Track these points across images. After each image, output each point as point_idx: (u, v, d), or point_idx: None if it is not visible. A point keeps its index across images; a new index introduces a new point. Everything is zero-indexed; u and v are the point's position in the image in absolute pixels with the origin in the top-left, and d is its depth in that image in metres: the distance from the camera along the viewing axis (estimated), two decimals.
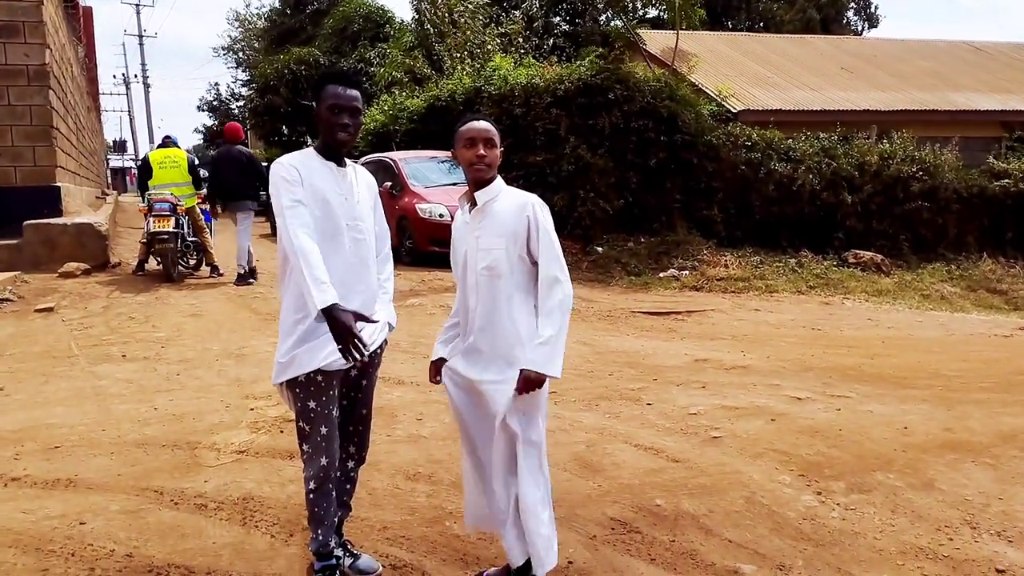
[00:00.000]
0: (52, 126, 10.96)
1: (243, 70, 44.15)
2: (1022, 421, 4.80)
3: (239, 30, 44.98)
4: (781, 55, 20.11)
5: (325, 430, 2.67)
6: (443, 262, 10.85)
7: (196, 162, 10.73)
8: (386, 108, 16.81)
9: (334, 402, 2.70)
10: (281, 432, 4.42)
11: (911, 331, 8.15)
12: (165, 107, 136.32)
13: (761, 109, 15.56)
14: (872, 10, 37.51)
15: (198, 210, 10.28)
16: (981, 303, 11.06)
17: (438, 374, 2.83)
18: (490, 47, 18.75)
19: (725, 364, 6.25)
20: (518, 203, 2.67)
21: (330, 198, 2.67)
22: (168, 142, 10.35)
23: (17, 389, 5.35)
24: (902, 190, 13.17)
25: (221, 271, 10.41)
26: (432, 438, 4.39)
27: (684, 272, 11.18)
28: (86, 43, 23.07)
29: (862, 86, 18.13)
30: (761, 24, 33.44)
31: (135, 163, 43.02)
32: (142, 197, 10.39)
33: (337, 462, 2.75)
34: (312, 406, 2.65)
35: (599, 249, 11.98)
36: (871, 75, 19.17)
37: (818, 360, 6.47)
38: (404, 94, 17.26)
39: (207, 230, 10.43)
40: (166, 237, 9.45)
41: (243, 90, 42.09)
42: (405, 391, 5.29)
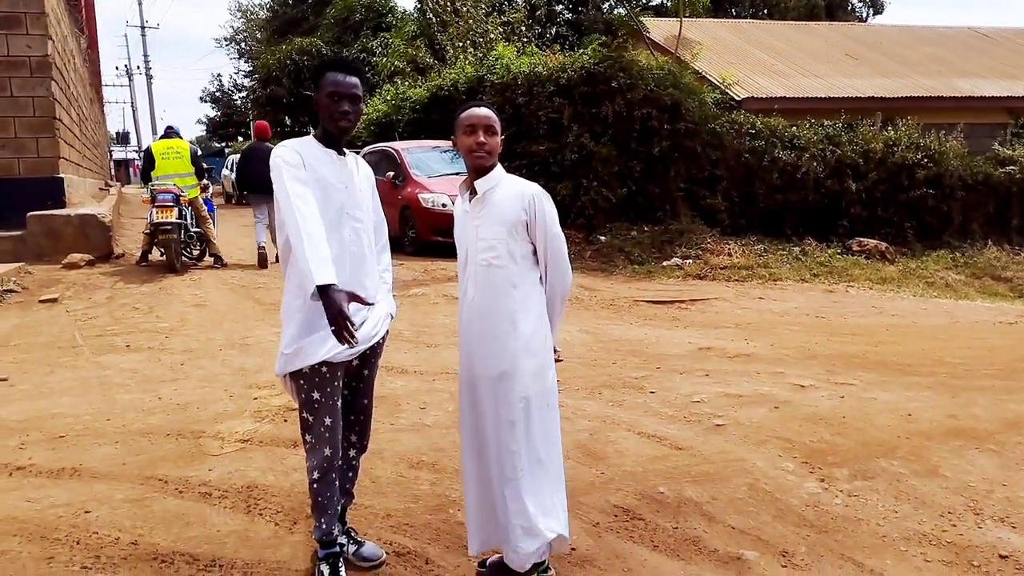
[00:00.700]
0: (55, 117, 10.95)
1: (245, 61, 44.14)
2: None
3: (241, 20, 44.94)
4: (785, 42, 19.99)
5: (329, 420, 2.67)
6: (446, 252, 10.92)
7: (199, 152, 10.73)
8: (389, 98, 16.79)
9: (338, 393, 2.70)
10: (285, 421, 4.44)
11: (915, 319, 8.13)
12: (168, 98, 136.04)
13: (765, 97, 15.49)
14: None
15: (201, 200, 10.29)
16: (986, 290, 11.03)
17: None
18: (493, 36, 18.68)
19: (729, 352, 6.25)
20: (518, 192, 2.62)
21: (330, 185, 2.66)
22: (171, 133, 10.35)
23: (22, 379, 5.37)
24: (907, 177, 13.11)
25: (224, 261, 10.43)
26: (435, 426, 4.40)
27: (688, 261, 11.17)
28: (88, 34, 23.03)
29: (867, 73, 18.02)
30: (765, 11, 33.24)
31: (138, 154, 43.06)
32: (146, 188, 10.41)
33: (340, 452, 2.75)
34: (316, 396, 2.64)
35: (602, 238, 11.96)
36: (876, 62, 19.05)
37: (822, 348, 6.46)
38: (407, 84, 17.25)
39: (210, 221, 10.44)
40: (169, 228, 9.47)
41: (245, 81, 42.09)
42: (408, 380, 5.30)
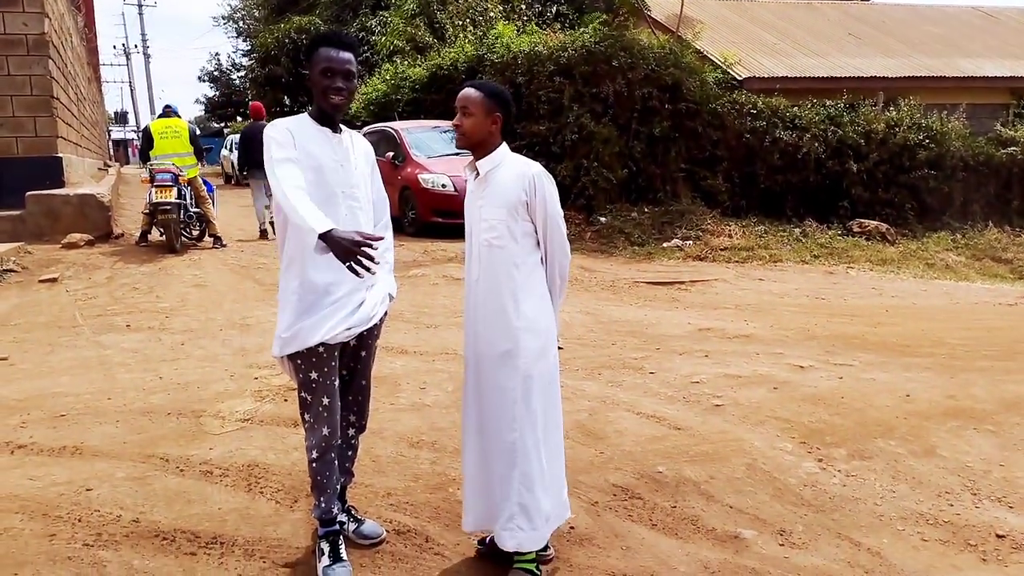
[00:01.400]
0: (53, 96, 10.89)
1: (244, 40, 43.70)
2: None
3: None
4: (788, 21, 19.80)
5: (327, 400, 2.67)
6: (446, 233, 10.91)
7: (197, 132, 10.68)
8: (388, 77, 16.67)
9: (335, 373, 2.70)
10: (285, 401, 4.45)
11: (915, 300, 8.13)
12: (166, 77, 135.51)
13: (767, 76, 15.36)
14: None
15: (200, 180, 10.26)
16: (986, 272, 11.02)
17: None
18: (492, 14, 18.49)
19: (728, 333, 6.26)
20: (519, 173, 2.62)
21: (324, 164, 2.63)
22: (169, 112, 10.31)
23: (22, 359, 5.39)
24: (908, 158, 13.04)
25: (224, 242, 10.42)
26: (435, 406, 4.41)
27: (688, 242, 11.15)
28: (85, 12, 22.84)
29: (869, 52, 17.87)
30: None
31: (137, 134, 42.91)
32: (144, 168, 10.38)
33: (339, 431, 2.76)
34: (314, 376, 2.65)
35: (602, 219, 11.93)
36: (879, 41, 18.89)
37: (821, 329, 6.46)
38: (406, 63, 17.09)
39: (209, 200, 10.41)
40: (169, 208, 9.45)
41: (244, 60, 41.72)
42: (408, 360, 5.31)
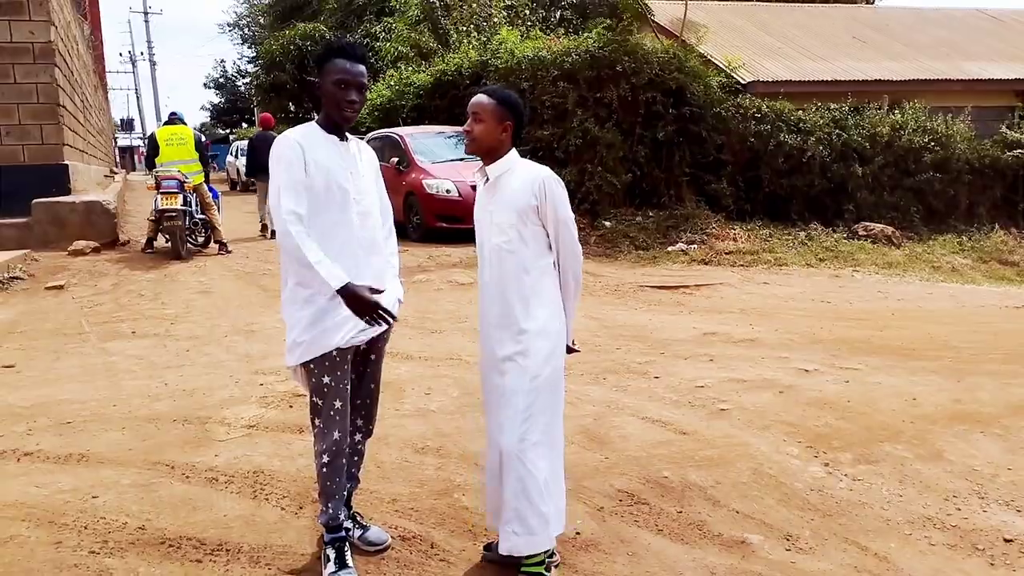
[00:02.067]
0: (59, 104, 10.94)
1: (249, 46, 43.96)
2: None
3: (244, 6, 44.81)
4: (792, 25, 19.79)
5: (338, 404, 2.67)
6: (451, 238, 10.92)
7: (203, 139, 10.71)
8: (392, 83, 16.72)
9: (347, 376, 2.70)
10: (290, 407, 4.46)
11: (921, 303, 8.10)
12: (172, 84, 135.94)
13: (771, 80, 15.33)
14: None
15: (205, 187, 10.29)
16: (992, 274, 10.98)
17: None
18: (496, 20, 18.54)
19: (733, 337, 6.24)
20: (529, 177, 2.64)
21: (334, 172, 2.64)
22: (174, 119, 10.34)
23: (29, 366, 5.40)
24: (914, 161, 13.02)
25: (229, 248, 10.44)
26: (440, 412, 4.41)
27: (692, 246, 11.13)
28: (91, 20, 22.98)
29: (874, 56, 17.84)
30: None
31: (143, 141, 43.08)
32: (150, 175, 10.41)
33: (348, 436, 2.76)
34: (327, 381, 2.65)
35: (607, 223, 11.92)
36: (883, 44, 18.86)
37: (827, 332, 6.44)
38: (410, 69, 17.14)
39: (215, 207, 10.44)
40: (174, 214, 9.48)
41: (249, 67, 41.91)
42: (413, 366, 5.31)
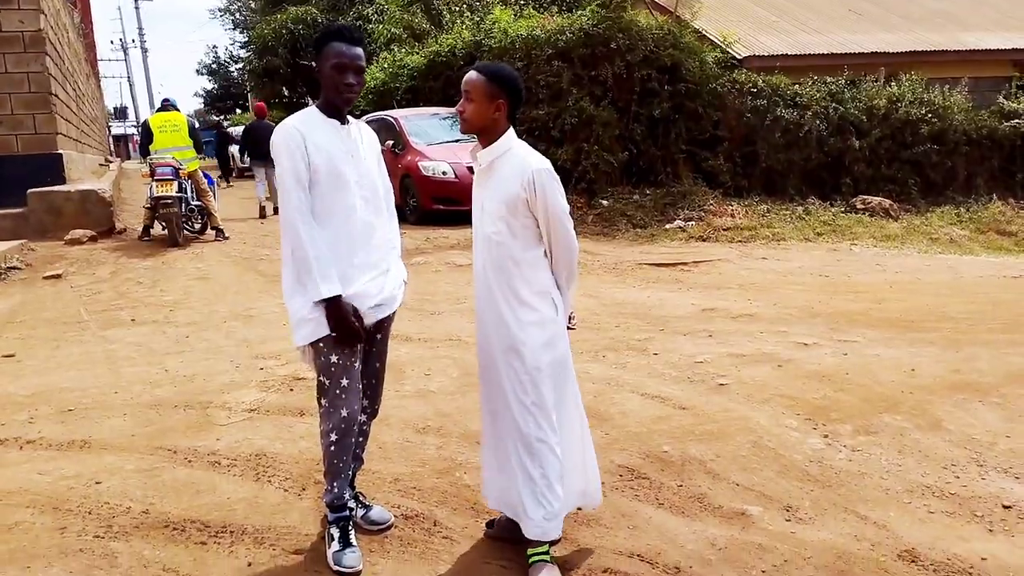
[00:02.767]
0: (51, 93, 10.88)
1: (241, 32, 43.50)
2: None
3: None
4: None
5: (346, 382, 2.67)
6: (448, 220, 10.90)
7: (196, 125, 10.65)
8: (386, 66, 16.59)
9: (356, 354, 2.69)
10: (291, 391, 4.47)
11: (919, 275, 8.10)
12: (164, 71, 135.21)
13: (767, 55, 15.23)
14: None
15: (200, 174, 10.25)
16: (990, 245, 10.98)
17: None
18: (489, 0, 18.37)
19: (732, 313, 6.25)
20: (519, 169, 2.56)
21: (336, 157, 2.63)
22: (167, 105, 10.27)
23: (29, 355, 5.41)
24: (911, 133, 12.98)
25: (226, 235, 10.42)
26: (440, 393, 4.42)
27: (690, 223, 11.12)
28: (81, 8, 22.77)
29: (870, 28, 17.73)
30: None
31: (137, 129, 42.88)
32: (145, 162, 10.37)
33: (358, 414, 2.76)
34: (335, 359, 2.65)
35: (604, 202, 11.90)
36: (879, 17, 18.73)
37: (825, 306, 6.45)
38: (404, 51, 17.01)
39: (210, 193, 10.41)
40: (170, 201, 9.45)
41: (241, 52, 41.55)
42: (413, 347, 5.32)
